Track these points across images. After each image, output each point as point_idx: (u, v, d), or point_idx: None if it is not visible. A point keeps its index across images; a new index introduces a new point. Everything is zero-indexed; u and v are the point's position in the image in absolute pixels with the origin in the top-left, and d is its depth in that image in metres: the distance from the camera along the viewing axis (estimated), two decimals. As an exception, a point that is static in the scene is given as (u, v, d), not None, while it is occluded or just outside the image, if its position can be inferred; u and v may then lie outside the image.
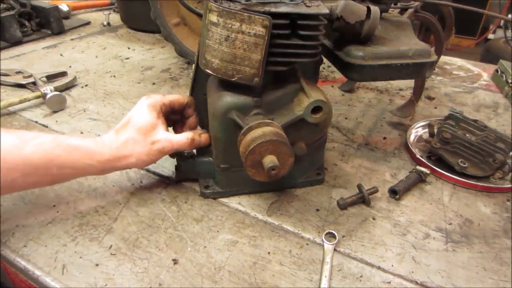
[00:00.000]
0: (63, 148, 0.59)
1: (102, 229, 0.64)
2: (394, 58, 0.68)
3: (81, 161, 0.61)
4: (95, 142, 0.63)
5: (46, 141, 0.59)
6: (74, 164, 0.61)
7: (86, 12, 1.76)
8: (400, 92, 1.16)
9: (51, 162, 0.58)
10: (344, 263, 0.60)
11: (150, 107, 0.65)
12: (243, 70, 0.57)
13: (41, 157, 0.57)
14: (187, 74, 1.21)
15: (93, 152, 0.61)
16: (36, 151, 0.57)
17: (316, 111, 0.62)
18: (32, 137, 0.58)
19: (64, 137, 0.62)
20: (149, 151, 0.64)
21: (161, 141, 0.64)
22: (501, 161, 0.76)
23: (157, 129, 0.65)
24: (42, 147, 0.58)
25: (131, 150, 0.63)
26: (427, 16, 0.97)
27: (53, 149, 0.59)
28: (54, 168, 0.59)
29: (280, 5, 0.57)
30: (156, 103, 0.66)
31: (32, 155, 0.57)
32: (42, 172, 0.59)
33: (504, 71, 1.19)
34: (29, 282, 0.59)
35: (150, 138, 0.64)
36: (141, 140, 0.63)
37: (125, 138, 0.63)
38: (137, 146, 0.63)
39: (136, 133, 0.63)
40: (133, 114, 0.65)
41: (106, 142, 0.63)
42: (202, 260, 0.60)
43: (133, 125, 0.64)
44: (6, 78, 1.07)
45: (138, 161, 0.64)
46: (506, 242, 0.65)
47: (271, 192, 0.73)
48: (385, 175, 0.79)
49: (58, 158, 0.59)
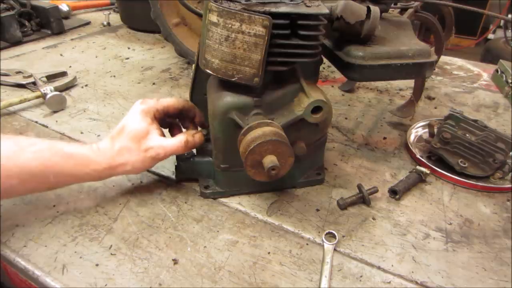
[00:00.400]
0: (60, 156, 0.60)
1: (102, 229, 0.64)
2: (394, 58, 0.68)
3: (77, 169, 0.62)
4: (91, 150, 0.63)
5: (43, 149, 0.59)
6: (71, 172, 0.62)
7: (86, 12, 1.76)
8: (400, 92, 1.16)
9: (48, 170, 0.59)
10: (344, 263, 0.60)
11: (143, 113, 0.65)
12: (243, 70, 0.57)
13: (38, 165, 0.58)
14: (187, 74, 1.21)
15: (89, 161, 0.62)
16: (33, 158, 0.58)
17: (316, 111, 0.62)
18: (29, 144, 0.59)
19: (60, 145, 0.62)
20: (144, 158, 0.64)
21: (154, 148, 0.64)
22: (501, 161, 0.76)
23: (150, 135, 0.65)
24: (38, 154, 0.59)
25: (126, 159, 0.64)
26: (427, 16, 0.97)
27: (49, 157, 0.59)
28: (51, 176, 0.60)
29: (280, 5, 0.57)
30: (149, 109, 0.66)
31: (29, 162, 0.58)
32: (39, 179, 0.60)
33: (504, 71, 1.19)
34: (29, 282, 0.59)
35: (143, 146, 0.64)
36: (135, 148, 0.64)
37: (119, 147, 0.64)
38: (132, 154, 0.64)
39: (129, 142, 0.64)
40: (127, 120, 0.66)
41: (101, 150, 0.64)
42: (202, 260, 0.60)
43: (127, 133, 0.64)
44: (6, 78, 1.07)
45: (134, 169, 0.65)
46: (506, 242, 0.65)
47: (271, 192, 0.73)
48: (385, 175, 0.79)
49: (54, 166, 0.60)
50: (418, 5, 0.94)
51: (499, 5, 3.36)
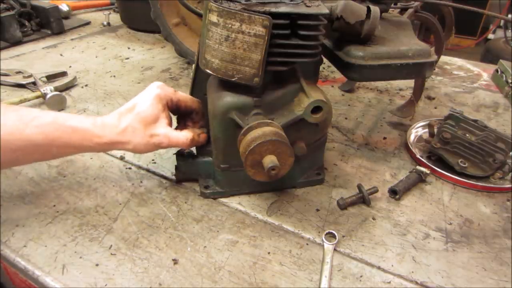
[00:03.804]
0: (63, 130, 0.61)
1: (102, 229, 0.64)
2: (394, 58, 0.68)
3: (80, 142, 0.62)
4: (94, 124, 0.63)
5: (46, 123, 0.60)
6: (73, 145, 0.62)
7: (86, 12, 1.76)
8: (400, 92, 1.16)
9: (51, 142, 0.61)
10: (344, 263, 0.60)
11: (157, 98, 0.65)
12: (243, 70, 0.57)
13: (41, 139, 0.60)
14: (187, 74, 1.21)
15: (92, 135, 0.62)
16: (37, 132, 0.59)
17: (316, 111, 0.62)
18: (32, 117, 0.60)
19: (63, 118, 0.62)
20: (147, 143, 0.65)
21: (159, 136, 0.65)
22: (501, 161, 0.76)
23: (158, 123, 0.65)
24: (42, 129, 0.60)
25: (130, 138, 0.64)
26: (427, 16, 0.97)
27: (53, 131, 0.60)
28: (54, 148, 0.61)
29: (280, 5, 0.57)
30: (164, 96, 0.66)
31: (33, 136, 0.59)
32: (42, 151, 0.61)
33: (504, 71, 1.19)
34: (29, 282, 0.59)
35: (150, 131, 0.64)
36: (141, 131, 0.64)
37: (125, 125, 0.63)
38: (136, 135, 0.64)
39: (137, 122, 0.64)
40: (139, 100, 0.65)
41: (106, 125, 0.63)
42: (202, 260, 0.60)
43: (136, 113, 0.64)
44: (6, 78, 1.07)
45: (135, 149, 0.65)
46: (506, 242, 0.65)
47: (271, 192, 0.73)
48: (385, 175, 0.79)
49: (57, 139, 0.61)
50: (418, 5, 0.94)
51: (499, 5, 3.36)
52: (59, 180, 0.74)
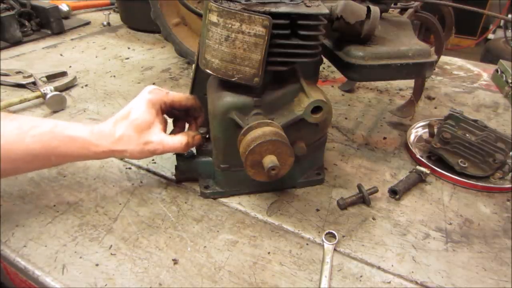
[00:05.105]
0: (60, 140, 0.62)
1: (102, 229, 0.64)
2: (394, 58, 0.68)
3: (78, 151, 0.63)
4: (91, 133, 0.63)
5: (44, 132, 0.61)
6: (71, 154, 0.63)
7: (86, 12, 1.76)
8: (400, 92, 1.16)
9: (49, 152, 0.61)
10: (344, 263, 0.60)
11: (149, 104, 0.66)
12: (243, 70, 0.57)
13: (40, 148, 0.60)
14: (187, 74, 1.21)
15: (89, 144, 0.63)
16: (36, 142, 0.60)
17: (316, 111, 0.62)
18: (30, 126, 0.60)
19: (61, 127, 0.63)
20: (142, 150, 0.65)
21: (153, 143, 0.65)
22: (501, 161, 0.76)
23: (152, 129, 0.65)
24: (40, 138, 0.60)
25: (125, 147, 0.64)
26: (427, 16, 0.97)
27: (51, 141, 0.61)
28: (52, 157, 0.62)
29: (280, 5, 0.57)
30: (157, 100, 0.67)
31: (31, 146, 0.60)
32: (42, 160, 0.62)
33: (504, 71, 1.19)
34: (29, 282, 0.59)
35: (144, 138, 0.64)
36: (136, 139, 0.64)
37: (120, 134, 0.64)
38: (131, 144, 0.64)
39: (131, 131, 0.64)
40: (132, 107, 0.66)
41: (102, 134, 0.64)
42: (202, 260, 0.60)
43: (131, 121, 0.64)
44: (6, 78, 1.07)
45: (132, 156, 0.66)
46: (506, 242, 0.65)
47: (271, 192, 0.73)
48: (385, 175, 0.79)
49: (56, 149, 0.61)
50: (418, 5, 0.94)
51: (499, 5, 3.36)
52: (59, 180, 0.74)
